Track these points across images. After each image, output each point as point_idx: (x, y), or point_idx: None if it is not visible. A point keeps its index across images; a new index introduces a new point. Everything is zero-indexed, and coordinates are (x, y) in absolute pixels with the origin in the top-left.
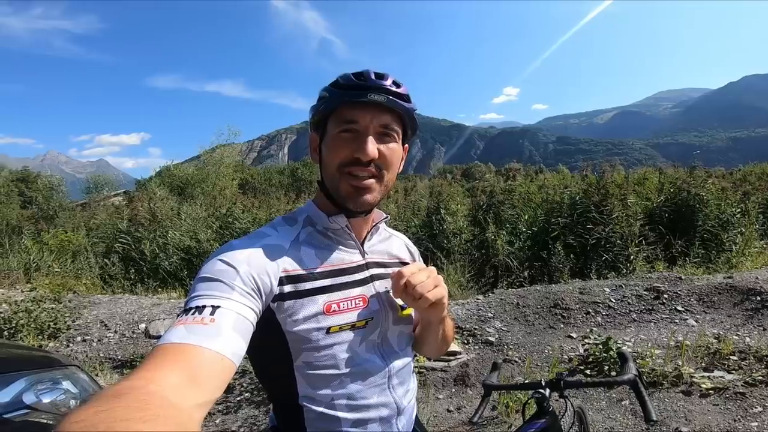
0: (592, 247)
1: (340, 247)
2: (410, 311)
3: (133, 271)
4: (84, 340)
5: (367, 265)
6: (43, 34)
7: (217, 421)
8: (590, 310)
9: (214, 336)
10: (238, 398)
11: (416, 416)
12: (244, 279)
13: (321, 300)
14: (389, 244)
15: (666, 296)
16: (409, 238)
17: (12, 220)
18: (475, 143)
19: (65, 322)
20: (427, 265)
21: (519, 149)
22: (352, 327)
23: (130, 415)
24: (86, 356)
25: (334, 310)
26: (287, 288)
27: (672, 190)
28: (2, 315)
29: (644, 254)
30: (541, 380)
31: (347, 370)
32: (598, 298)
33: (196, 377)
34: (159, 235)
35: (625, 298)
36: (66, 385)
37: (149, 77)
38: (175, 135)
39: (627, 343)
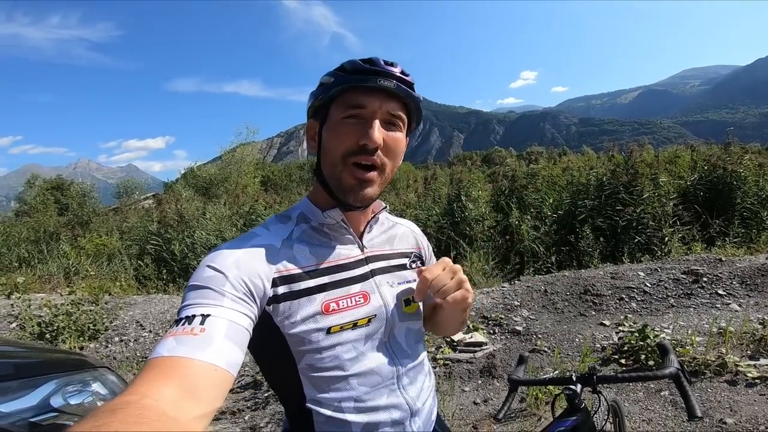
0: (623, 229)
1: (337, 242)
2: (417, 306)
3: (165, 271)
4: (121, 341)
5: (366, 260)
6: (63, 44)
7: (246, 418)
8: (624, 296)
9: (205, 346)
10: (266, 394)
11: (438, 415)
12: (234, 284)
13: (319, 299)
14: (392, 234)
15: (706, 279)
16: (430, 226)
17: (50, 227)
18: (494, 128)
19: (103, 324)
20: (448, 254)
21: (540, 132)
22: (354, 326)
23: (126, 429)
24: (124, 356)
25: (334, 309)
26: (281, 289)
27: (706, 167)
28: (44, 318)
29: (680, 235)
30: (572, 375)
31: (352, 371)
32: (632, 283)
33: (191, 389)
34: (187, 235)
35: (661, 282)
36: (95, 387)
37: (169, 81)
38: (198, 137)
39: (665, 330)
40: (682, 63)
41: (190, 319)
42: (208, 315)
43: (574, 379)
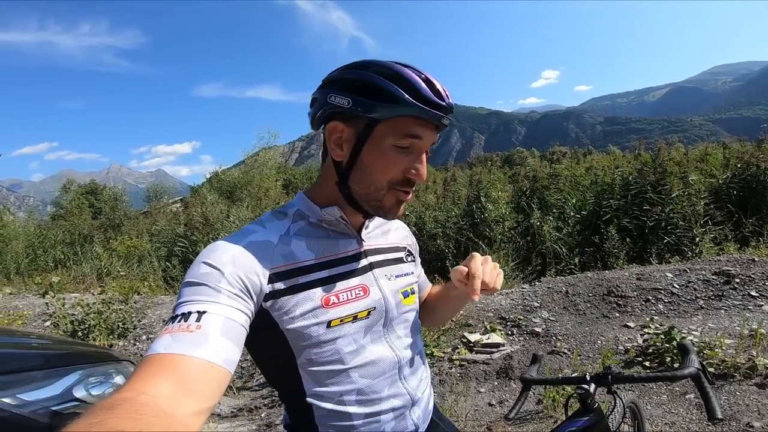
0: (650, 229)
1: (335, 236)
2: (414, 298)
3: None
4: (148, 339)
5: (365, 253)
6: (93, 51)
7: (262, 415)
8: (650, 298)
9: (201, 343)
10: None
11: (434, 405)
12: (230, 281)
13: (318, 293)
14: (386, 228)
15: (738, 280)
16: (450, 227)
17: (84, 230)
18: (516, 129)
19: (132, 322)
20: (467, 255)
21: (564, 132)
22: (354, 318)
23: (124, 425)
24: None
25: (334, 303)
26: (279, 285)
27: (739, 165)
28: (76, 317)
29: (711, 235)
30: (585, 374)
31: (353, 363)
32: (659, 284)
33: (187, 386)
34: (212, 237)
35: (690, 284)
36: (118, 379)
37: (194, 87)
38: (222, 141)
39: (693, 332)
40: (712, 59)
41: (186, 316)
42: (204, 312)
43: (588, 378)
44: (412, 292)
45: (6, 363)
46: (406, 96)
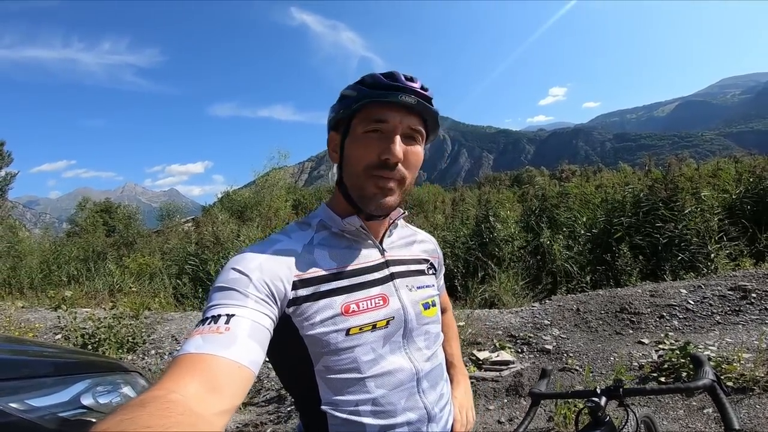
0: (664, 246)
1: (357, 246)
2: (435, 310)
3: (201, 290)
4: (157, 353)
5: (386, 263)
6: (113, 69)
7: (268, 431)
8: (664, 314)
9: (230, 344)
10: (288, 408)
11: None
12: (257, 286)
13: (338, 301)
14: (411, 240)
15: (754, 295)
16: (458, 247)
17: (98, 247)
18: (524, 147)
19: (141, 337)
20: (476, 275)
21: (573, 150)
22: (373, 327)
23: (153, 422)
24: (158, 368)
25: (353, 311)
26: (302, 292)
27: (751, 180)
28: (87, 331)
29: (726, 251)
30: (596, 388)
31: (370, 373)
32: (673, 301)
33: (215, 385)
34: (222, 256)
35: (705, 300)
36: (126, 389)
37: (209, 106)
38: (234, 161)
39: (710, 347)
40: (720, 72)
41: (216, 318)
42: (233, 315)
43: (599, 391)
44: (433, 305)
45: (16, 369)
46: (362, 87)
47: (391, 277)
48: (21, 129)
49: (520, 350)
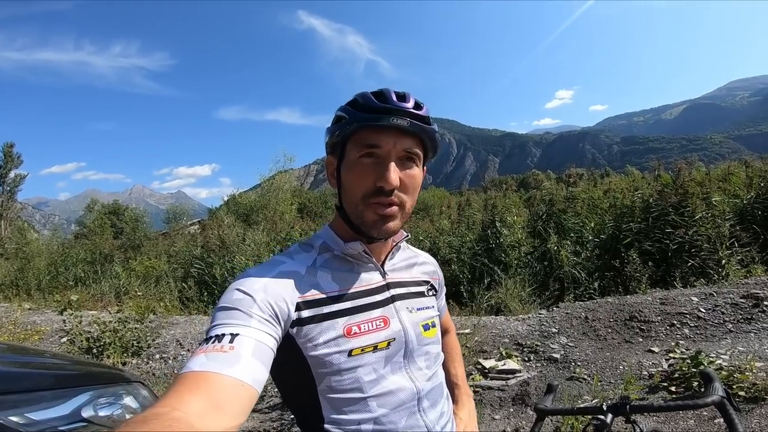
0: (674, 252)
1: (359, 269)
2: (435, 331)
3: (206, 293)
4: (161, 358)
5: (387, 286)
6: (123, 72)
7: None
8: (675, 322)
9: (234, 363)
10: (292, 416)
11: None
12: (261, 306)
13: (341, 323)
14: (412, 262)
15: (767, 303)
16: (464, 252)
17: (105, 250)
18: (530, 151)
19: (146, 341)
20: (482, 281)
21: (580, 153)
22: (375, 348)
23: None
24: (162, 372)
25: (355, 333)
26: (305, 313)
27: (762, 184)
28: (92, 335)
29: (738, 257)
30: (602, 404)
31: (372, 392)
32: (684, 309)
33: (218, 403)
34: (227, 260)
35: (717, 308)
36: (128, 400)
37: (217, 110)
38: (241, 164)
39: (722, 356)
40: (728, 74)
41: (219, 337)
42: (237, 334)
43: (605, 408)
44: (433, 326)
45: (16, 382)
46: (353, 110)
47: (392, 299)
48: (32, 131)
49: (527, 359)
